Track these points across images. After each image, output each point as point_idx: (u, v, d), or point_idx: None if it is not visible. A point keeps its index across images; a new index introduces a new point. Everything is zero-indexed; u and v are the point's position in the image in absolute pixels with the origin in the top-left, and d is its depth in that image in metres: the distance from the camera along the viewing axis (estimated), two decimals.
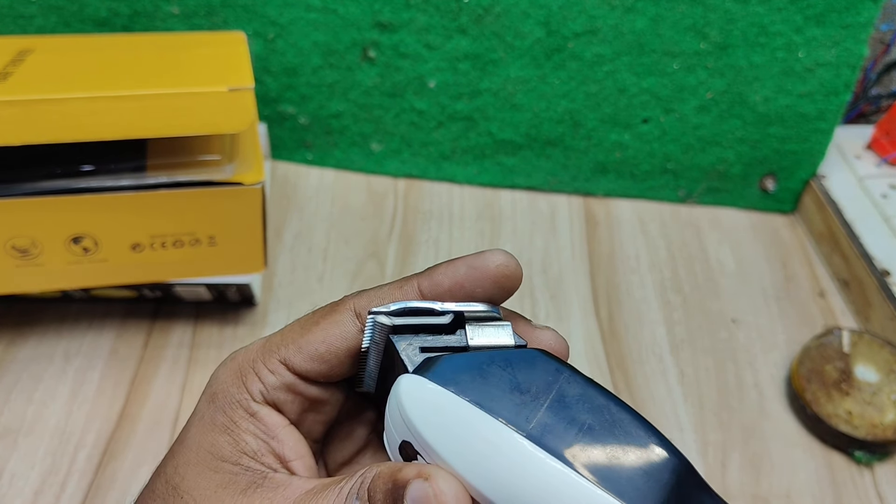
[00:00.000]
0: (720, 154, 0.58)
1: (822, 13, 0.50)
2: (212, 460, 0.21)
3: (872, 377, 0.45)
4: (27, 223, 0.38)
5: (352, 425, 0.24)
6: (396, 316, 0.20)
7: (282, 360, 0.22)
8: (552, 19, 0.52)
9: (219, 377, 0.22)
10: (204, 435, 0.21)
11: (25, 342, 0.45)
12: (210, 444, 0.21)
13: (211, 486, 0.20)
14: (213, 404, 0.21)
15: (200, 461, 0.21)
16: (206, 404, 0.22)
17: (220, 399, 0.21)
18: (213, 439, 0.21)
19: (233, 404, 0.21)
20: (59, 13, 0.52)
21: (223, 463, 0.21)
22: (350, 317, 0.22)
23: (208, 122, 0.39)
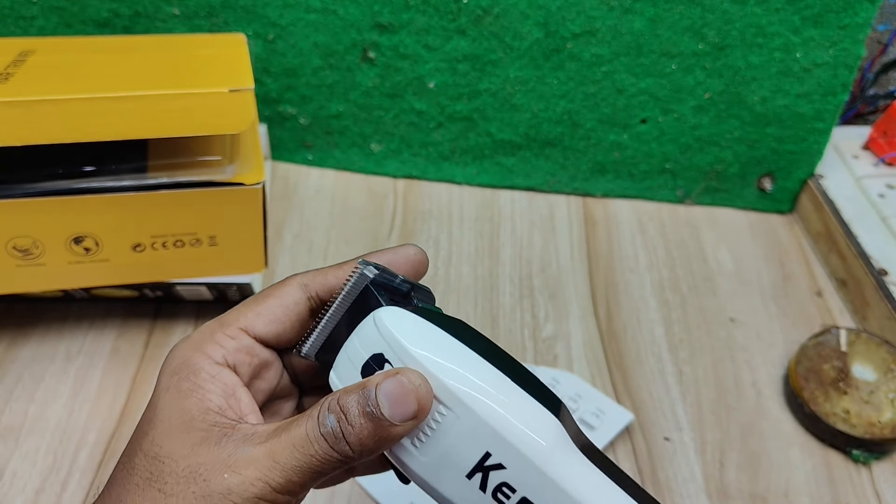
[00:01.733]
0: (718, 154, 0.58)
1: (820, 14, 0.51)
2: (183, 424, 0.23)
3: (870, 376, 0.45)
4: (28, 223, 0.38)
5: (280, 404, 0.27)
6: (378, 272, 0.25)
7: (242, 328, 0.25)
8: (551, 20, 0.52)
9: (176, 355, 0.24)
10: (172, 405, 0.23)
11: (27, 342, 0.46)
12: (179, 411, 0.23)
13: (188, 446, 0.22)
14: (177, 375, 0.24)
15: (173, 428, 0.23)
16: (167, 378, 0.24)
17: (183, 369, 0.24)
18: (182, 405, 0.23)
19: (196, 370, 0.24)
20: (60, 14, 0.52)
21: (194, 423, 0.23)
22: (299, 287, 0.26)
23: (209, 123, 0.39)
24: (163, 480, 0.22)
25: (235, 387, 0.24)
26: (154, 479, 0.22)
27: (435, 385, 0.23)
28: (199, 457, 0.22)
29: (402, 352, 0.23)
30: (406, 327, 0.23)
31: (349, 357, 0.24)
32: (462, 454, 0.23)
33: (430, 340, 0.23)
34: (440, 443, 0.23)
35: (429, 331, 0.24)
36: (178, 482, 0.22)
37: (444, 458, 0.23)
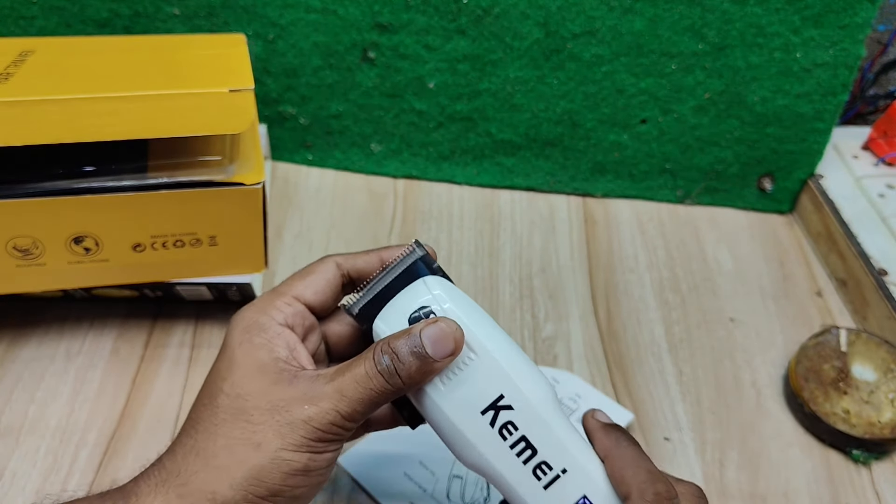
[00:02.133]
0: (718, 154, 0.58)
1: (820, 14, 0.51)
2: (259, 369, 0.28)
3: (870, 376, 0.45)
4: (29, 223, 0.38)
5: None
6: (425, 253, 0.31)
7: (295, 296, 0.31)
8: (551, 20, 0.52)
9: (245, 316, 0.30)
10: (247, 355, 0.28)
11: (27, 342, 0.46)
12: (254, 359, 0.28)
13: (266, 385, 0.28)
14: (249, 332, 0.29)
15: (251, 373, 0.28)
16: (240, 334, 0.29)
17: (254, 328, 0.29)
18: (255, 355, 0.28)
19: (265, 328, 0.29)
20: (61, 14, 0.52)
21: (268, 368, 0.28)
22: (335, 265, 0.32)
23: (209, 123, 0.39)
24: (248, 413, 0.27)
25: (295, 343, 0.30)
26: (240, 413, 0.27)
27: (468, 334, 0.29)
28: (278, 393, 0.27)
29: (447, 306, 0.29)
30: (449, 291, 0.30)
31: (397, 309, 0.30)
32: (481, 392, 0.29)
33: (466, 303, 0.30)
34: (465, 381, 0.29)
35: (463, 297, 0.30)
36: (262, 414, 0.27)
37: (465, 394, 0.29)
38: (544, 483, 0.29)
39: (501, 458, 0.29)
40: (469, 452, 0.29)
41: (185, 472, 0.27)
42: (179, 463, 0.28)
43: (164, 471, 0.28)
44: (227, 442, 0.27)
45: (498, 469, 0.29)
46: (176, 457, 0.28)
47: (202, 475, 0.27)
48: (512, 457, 0.29)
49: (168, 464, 0.28)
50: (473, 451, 0.29)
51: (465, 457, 0.30)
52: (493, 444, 0.29)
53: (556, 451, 0.29)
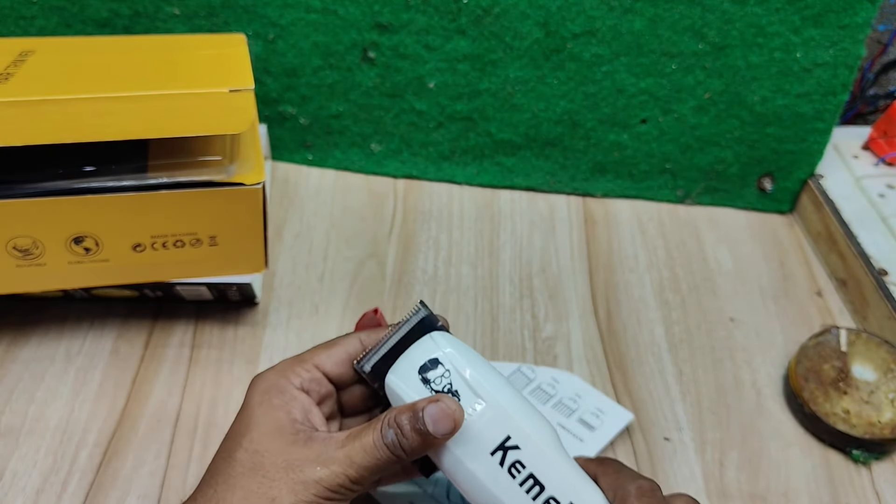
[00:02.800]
0: (718, 154, 0.58)
1: (820, 14, 0.51)
2: (276, 429, 0.30)
3: (870, 376, 0.45)
4: (29, 223, 0.38)
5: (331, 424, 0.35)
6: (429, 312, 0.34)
7: (315, 364, 0.33)
8: (551, 20, 0.52)
9: (265, 378, 0.32)
10: (266, 415, 0.31)
11: (27, 342, 0.46)
12: (272, 420, 0.30)
13: (281, 445, 0.30)
14: (268, 394, 0.31)
15: (268, 432, 0.30)
16: (260, 395, 0.31)
17: (272, 389, 0.31)
18: (273, 415, 0.31)
19: (283, 390, 0.31)
20: (60, 14, 0.52)
21: (284, 428, 0.30)
22: (358, 342, 0.34)
23: (209, 123, 0.39)
24: (265, 469, 0.29)
25: (311, 406, 0.32)
26: (258, 468, 0.29)
27: (474, 382, 0.31)
28: (294, 453, 0.30)
29: (454, 359, 0.32)
30: (455, 344, 0.33)
31: (409, 362, 0.32)
32: (489, 436, 0.31)
33: (471, 355, 0.33)
34: (473, 425, 0.31)
35: (468, 350, 0.33)
36: (278, 470, 0.29)
37: (475, 438, 0.31)
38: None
39: (513, 497, 0.30)
40: (481, 493, 0.31)
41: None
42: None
43: None
44: (244, 494, 0.29)
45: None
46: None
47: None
48: (522, 494, 0.30)
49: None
50: (485, 491, 0.31)
51: (479, 498, 0.31)
52: (503, 483, 0.30)
53: (562, 486, 0.31)
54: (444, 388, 0.32)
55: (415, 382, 0.32)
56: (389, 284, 0.52)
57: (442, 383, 0.32)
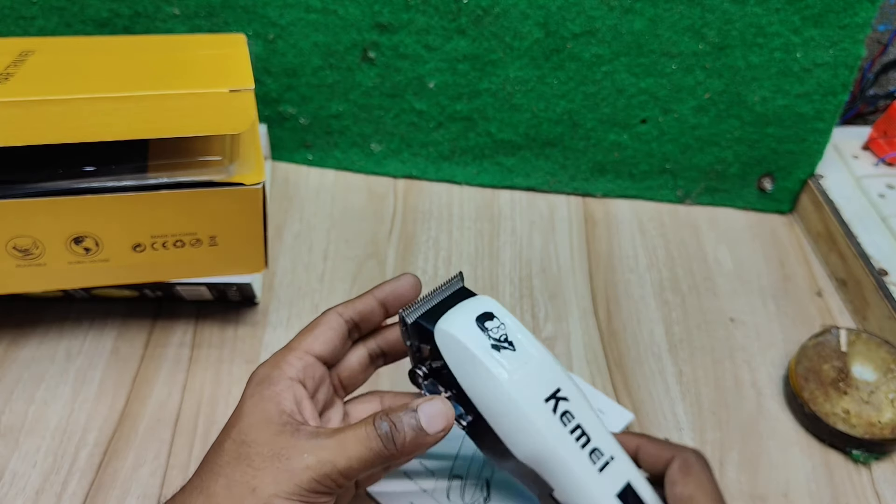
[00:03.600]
0: (718, 154, 0.58)
1: (820, 14, 0.51)
2: (265, 420, 0.30)
3: (870, 376, 0.45)
4: (29, 223, 0.38)
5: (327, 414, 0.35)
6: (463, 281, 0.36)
7: (305, 350, 0.33)
8: (551, 20, 0.52)
9: (259, 372, 0.32)
10: (256, 406, 0.31)
11: (27, 342, 0.46)
12: (262, 411, 0.30)
13: (269, 435, 0.30)
14: (260, 385, 0.31)
15: (257, 423, 0.30)
16: (253, 388, 0.31)
17: (265, 381, 0.31)
18: (264, 407, 0.30)
19: (275, 382, 0.31)
20: (61, 14, 0.52)
21: (272, 419, 0.30)
22: (336, 315, 0.34)
23: (209, 123, 0.39)
24: (251, 458, 0.29)
25: (303, 397, 0.32)
26: (242, 458, 0.29)
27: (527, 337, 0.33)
28: (280, 443, 0.29)
29: (506, 316, 0.33)
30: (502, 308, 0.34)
31: (463, 313, 0.33)
32: (544, 384, 0.32)
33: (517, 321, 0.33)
34: (528, 374, 0.32)
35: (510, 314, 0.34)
36: (263, 460, 0.29)
37: (531, 384, 0.32)
38: (599, 466, 0.32)
39: (564, 442, 0.32)
40: (534, 438, 0.32)
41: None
42: (186, 499, 0.30)
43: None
44: (227, 482, 0.29)
45: (561, 453, 0.32)
46: (185, 494, 0.30)
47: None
48: (572, 441, 0.32)
49: (179, 500, 0.30)
50: (539, 436, 0.32)
51: (529, 443, 0.32)
52: (556, 428, 0.32)
53: (605, 440, 0.33)
54: (501, 337, 0.32)
55: (472, 328, 0.32)
56: None
57: (498, 333, 0.32)
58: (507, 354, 0.32)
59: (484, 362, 0.31)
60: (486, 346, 0.32)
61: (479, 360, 0.31)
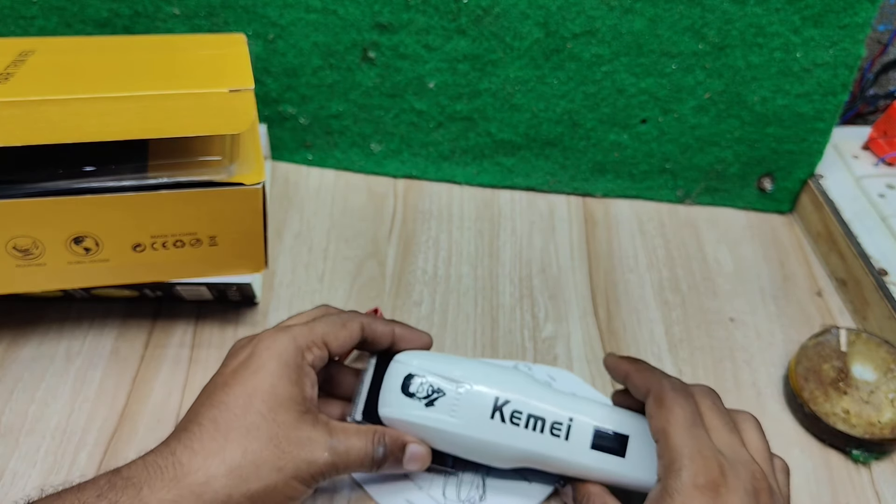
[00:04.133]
0: (718, 154, 0.58)
1: (820, 14, 0.51)
2: (292, 401, 0.33)
3: (870, 376, 0.45)
4: (28, 223, 0.38)
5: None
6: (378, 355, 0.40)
7: (325, 343, 0.36)
8: (551, 20, 0.52)
9: (285, 350, 0.34)
10: (284, 387, 0.33)
11: (27, 342, 0.46)
12: (289, 393, 0.33)
13: (293, 419, 0.33)
14: (287, 366, 0.34)
15: (282, 403, 0.33)
16: (279, 367, 0.34)
17: (292, 364, 0.34)
18: (290, 390, 0.33)
19: (298, 368, 0.34)
20: (60, 14, 0.52)
21: (297, 402, 0.33)
22: (360, 327, 0.38)
23: (209, 123, 0.39)
24: (278, 440, 0.32)
25: (314, 383, 0.35)
26: (272, 437, 0.32)
27: (449, 373, 0.37)
28: (304, 431, 0.33)
29: (423, 366, 0.37)
30: (417, 355, 0.38)
31: (390, 390, 0.37)
32: (483, 405, 0.36)
33: (434, 357, 0.38)
34: (466, 405, 0.36)
35: (430, 354, 0.39)
36: (290, 444, 0.32)
37: (473, 413, 0.36)
38: (563, 437, 0.36)
39: (525, 440, 0.35)
40: (501, 451, 0.36)
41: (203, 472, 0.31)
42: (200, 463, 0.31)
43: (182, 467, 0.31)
44: (255, 459, 0.31)
45: (529, 449, 0.36)
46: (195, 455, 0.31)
47: (223, 481, 0.31)
48: (530, 433, 0.35)
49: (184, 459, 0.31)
50: (503, 448, 0.36)
51: (502, 458, 0.36)
52: (512, 433, 0.35)
53: (556, 409, 0.36)
54: (428, 391, 0.36)
55: (402, 402, 0.36)
56: (389, 284, 0.52)
57: (425, 389, 0.36)
58: (441, 402, 0.36)
59: (426, 424, 0.36)
60: (421, 408, 0.36)
61: (422, 425, 0.36)
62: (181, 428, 0.33)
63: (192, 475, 0.30)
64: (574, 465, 0.36)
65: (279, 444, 0.32)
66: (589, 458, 0.36)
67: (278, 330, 0.36)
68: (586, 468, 0.36)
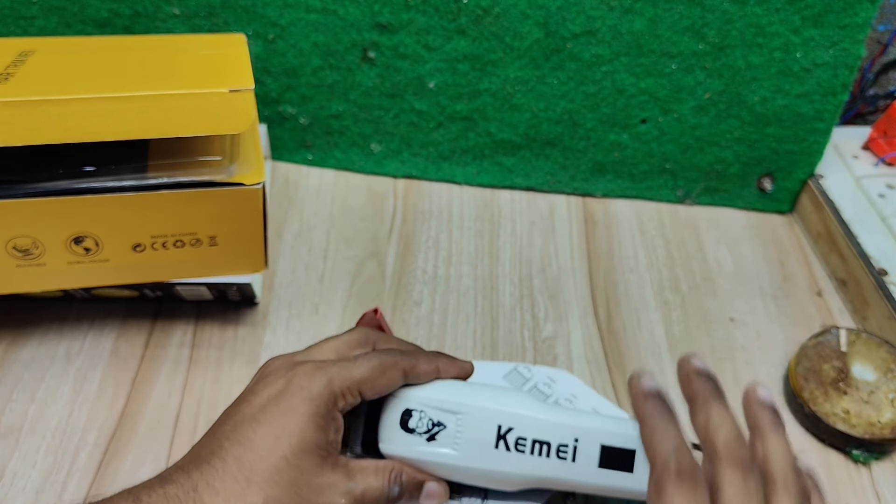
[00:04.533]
0: (718, 154, 0.58)
1: (820, 14, 0.51)
2: (315, 448, 0.32)
3: (870, 376, 0.45)
4: (29, 223, 0.38)
5: None
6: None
7: (360, 390, 0.34)
8: (551, 20, 0.52)
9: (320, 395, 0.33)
10: (311, 433, 0.33)
11: (27, 342, 0.46)
12: (315, 439, 0.33)
13: (314, 465, 0.32)
14: (318, 412, 0.33)
15: (308, 449, 0.32)
16: (307, 409, 0.33)
17: (323, 410, 0.33)
18: (316, 436, 0.33)
19: (329, 414, 0.33)
20: (60, 14, 0.52)
21: (320, 449, 0.33)
22: (401, 376, 0.35)
23: (209, 123, 0.39)
24: (298, 486, 0.31)
25: (340, 428, 0.34)
26: (294, 484, 0.31)
27: (446, 404, 0.35)
28: (323, 477, 0.32)
29: (420, 400, 0.35)
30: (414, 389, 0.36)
31: (389, 426, 0.36)
32: (485, 435, 0.34)
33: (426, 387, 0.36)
34: (468, 436, 0.35)
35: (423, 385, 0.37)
36: (310, 491, 0.32)
37: (474, 445, 0.34)
38: (569, 459, 0.34)
39: (532, 466, 0.34)
40: (508, 478, 0.35)
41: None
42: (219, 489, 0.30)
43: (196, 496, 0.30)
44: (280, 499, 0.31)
45: (536, 475, 0.34)
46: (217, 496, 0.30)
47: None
48: (536, 459, 0.34)
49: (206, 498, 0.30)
50: (510, 476, 0.35)
51: (508, 482, 0.35)
52: (518, 461, 0.34)
53: (561, 431, 0.34)
54: (428, 425, 0.35)
55: (405, 438, 0.35)
56: (389, 284, 0.52)
57: (425, 423, 0.35)
58: (443, 436, 0.35)
59: (429, 459, 0.35)
60: (423, 444, 0.35)
61: (425, 460, 0.35)
62: (203, 459, 0.32)
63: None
64: (583, 485, 0.35)
65: (299, 491, 0.32)
66: (597, 477, 0.34)
67: (315, 368, 0.34)
68: (595, 486, 0.35)
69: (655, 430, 0.31)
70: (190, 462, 0.32)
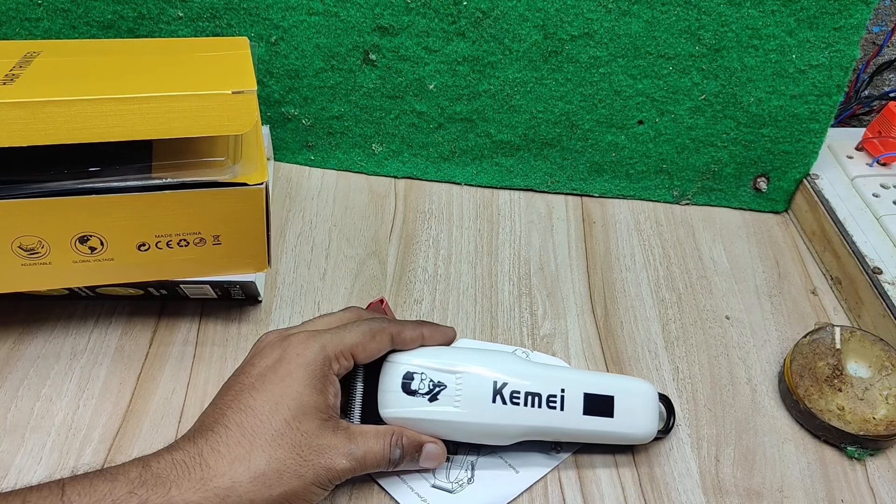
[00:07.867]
0: (714, 154, 0.58)
1: (815, 16, 0.51)
2: (314, 411, 0.34)
3: (864, 373, 0.46)
4: (34, 223, 0.39)
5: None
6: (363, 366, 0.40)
7: (353, 353, 0.36)
8: (549, 23, 0.52)
9: (314, 360, 0.35)
10: (309, 396, 0.34)
11: (33, 339, 0.46)
12: (314, 402, 0.34)
13: (315, 427, 0.34)
14: (314, 375, 0.35)
15: (306, 412, 0.34)
16: (304, 373, 0.35)
17: (318, 373, 0.35)
18: (315, 399, 0.34)
19: (325, 377, 0.35)
20: (65, 16, 0.52)
21: (320, 412, 0.34)
22: (390, 339, 0.38)
23: (213, 125, 0.40)
24: (300, 448, 0.33)
25: (338, 392, 0.36)
26: (295, 445, 0.33)
27: (445, 365, 0.38)
28: (325, 439, 0.34)
29: (419, 362, 0.38)
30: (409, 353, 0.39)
31: (388, 389, 0.38)
32: (483, 390, 0.38)
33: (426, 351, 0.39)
34: (468, 394, 0.38)
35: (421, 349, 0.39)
36: (311, 452, 0.33)
37: (475, 400, 0.38)
38: (559, 408, 0.38)
39: (526, 417, 0.38)
40: (505, 431, 0.38)
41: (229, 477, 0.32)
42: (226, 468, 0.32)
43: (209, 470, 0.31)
44: (278, 466, 0.33)
45: (530, 424, 0.38)
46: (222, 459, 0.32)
47: (247, 486, 0.32)
48: (530, 410, 0.38)
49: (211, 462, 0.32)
50: (506, 428, 0.38)
51: (504, 435, 0.38)
52: (513, 413, 0.38)
53: (549, 383, 0.39)
54: (429, 386, 0.37)
55: (407, 401, 0.37)
56: (390, 283, 0.52)
57: (426, 385, 0.38)
58: (444, 395, 0.38)
59: (432, 418, 0.37)
60: (425, 404, 0.37)
61: (428, 419, 0.37)
62: (207, 427, 0.33)
63: (218, 479, 0.31)
64: (571, 432, 0.39)
65: (301, 453, 0.33)
66: (583, 423, 0.39)
67: (308, 336, 0.36)
68: (581, 432, 0.39)
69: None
70: (195, 431, 0.34)
